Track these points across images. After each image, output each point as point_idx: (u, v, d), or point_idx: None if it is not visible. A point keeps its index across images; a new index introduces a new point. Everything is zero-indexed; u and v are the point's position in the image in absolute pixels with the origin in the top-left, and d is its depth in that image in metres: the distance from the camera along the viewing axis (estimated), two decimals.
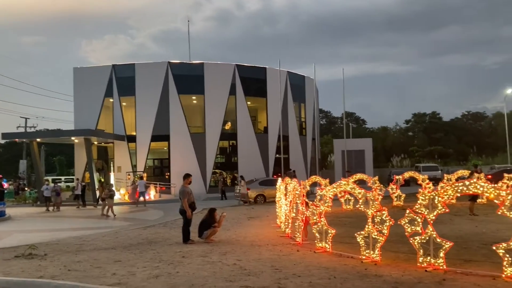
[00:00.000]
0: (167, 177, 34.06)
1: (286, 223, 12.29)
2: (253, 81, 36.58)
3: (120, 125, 34.22)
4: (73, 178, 35.07)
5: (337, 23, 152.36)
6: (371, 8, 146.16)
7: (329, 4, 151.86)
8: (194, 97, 36.01)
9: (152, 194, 30.54)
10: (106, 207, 20.33)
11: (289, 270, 7.62)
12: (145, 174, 32.90)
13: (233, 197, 26.85)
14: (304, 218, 10.46)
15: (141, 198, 26.20)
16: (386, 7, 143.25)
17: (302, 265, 7.99)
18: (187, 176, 11.52)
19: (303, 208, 10.49)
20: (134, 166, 33.71)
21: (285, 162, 34.18)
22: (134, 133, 34.12)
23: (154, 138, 33.98)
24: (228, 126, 35.52)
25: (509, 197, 6.60)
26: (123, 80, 34.52)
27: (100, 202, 26.26)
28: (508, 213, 6.62)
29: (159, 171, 36.04)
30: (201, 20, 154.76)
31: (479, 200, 17.19)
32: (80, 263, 8.82)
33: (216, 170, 34.98)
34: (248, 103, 35.90)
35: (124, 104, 34.72)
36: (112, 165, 33.86)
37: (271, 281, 6.85)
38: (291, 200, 11.82)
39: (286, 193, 12.57)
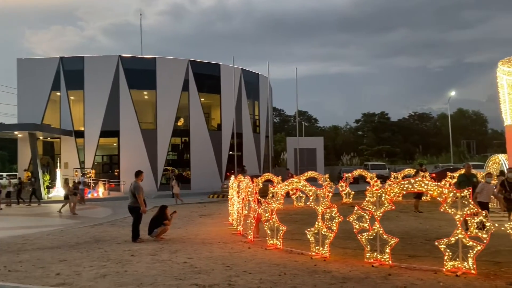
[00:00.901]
0: (116, 174, 33.22)
1: (238, 221, 12.29)
2: (206, 78, 36.28)
3: (67, 120, 33.00)
4: (16, 174, 33.47)
5: (291, 22, 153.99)
6: (324, 8, 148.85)
7: (283, 2, 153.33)
8: (145, 92, 35.27)
9: (100, 191, 29.65)
10: (71, 204, 19.45)
11: (240, 267, 7.62)
12: (93, 171, 31.86)
13: (187, 194, 26.51)
14: (256, 215, 10.50)
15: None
16: (338, 7, 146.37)
17: (253, 262, 8.01)
18: (140, 173, 11.51)
19: (256, 205, 10.53)
20: (82, 163, 32.62)
21: (239, 159, 34.18)
22: (82, 128, 33.01)
23: (103, 134, 33.01)
24: (180, 122, 35.08)
25: (451, 195, 6.91)
26: (71, 73, 33.28)
27: (36, 199, 25.12)
28: (449, 210, 6.93)
29: (108, 167, 35.07)
30: (154, 14, 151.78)
31: (423, 198, 17.95)
32: (21, 263, 8.42)
33: (168, 167, 34.46)
34: (202, 99, 35.59)
35: (72, 98, 33.50)
36: (58, 161, 32.59)
37: (221, 279, 6.82)
38: (243, 198, 11.84)
39: (239, 190, 12.57)
